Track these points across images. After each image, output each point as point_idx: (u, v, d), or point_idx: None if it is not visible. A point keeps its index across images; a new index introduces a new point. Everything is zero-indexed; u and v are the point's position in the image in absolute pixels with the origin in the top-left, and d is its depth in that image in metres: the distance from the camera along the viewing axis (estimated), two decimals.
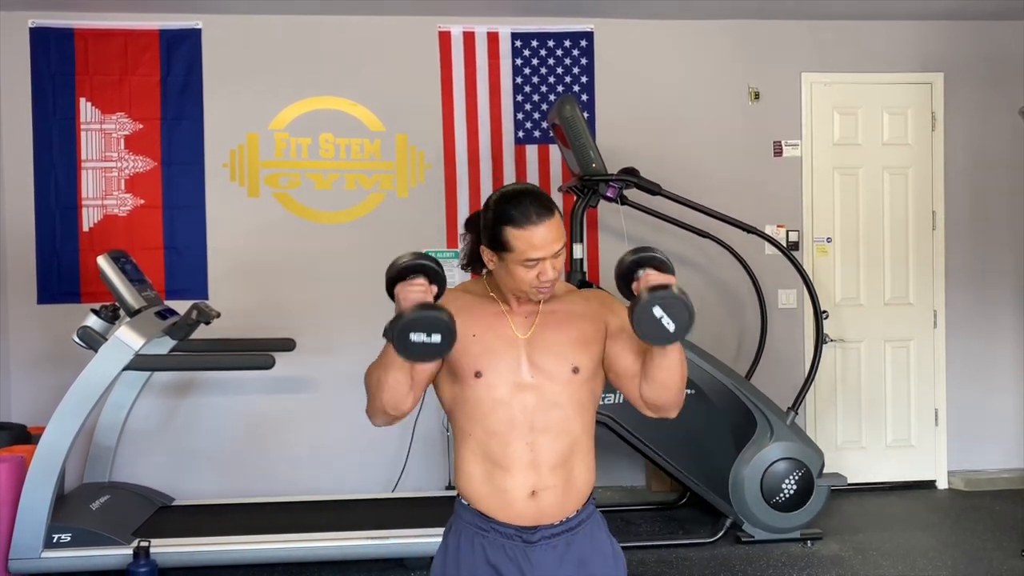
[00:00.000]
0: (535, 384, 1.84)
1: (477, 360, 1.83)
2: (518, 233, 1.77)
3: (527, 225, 1.77)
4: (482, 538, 1.87)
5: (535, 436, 1.83)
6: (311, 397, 4.92)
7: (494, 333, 1.86)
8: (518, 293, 1.86)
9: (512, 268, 1.81)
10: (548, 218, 1.78)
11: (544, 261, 1.79)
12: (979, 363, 5.35)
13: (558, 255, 1.81)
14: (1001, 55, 5.30)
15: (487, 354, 1.84)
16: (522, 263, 1.79)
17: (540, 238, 1.77)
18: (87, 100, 4.80)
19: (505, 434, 1.83)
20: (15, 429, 4.34)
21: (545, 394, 1.84)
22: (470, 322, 1.84)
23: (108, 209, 4.82)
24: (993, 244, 5.34)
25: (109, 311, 3.94)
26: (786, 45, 5.19)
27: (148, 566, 3.64)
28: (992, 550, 4.24)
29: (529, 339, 1.86)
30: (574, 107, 4.22)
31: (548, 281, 1.81)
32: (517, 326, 1.88)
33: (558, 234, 1.79)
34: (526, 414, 1.83)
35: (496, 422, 1.83)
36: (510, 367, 1.84)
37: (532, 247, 1.77)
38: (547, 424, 1.84)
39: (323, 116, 4.94)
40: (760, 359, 4.83)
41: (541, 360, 1.85)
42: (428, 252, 2.11)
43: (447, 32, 4.99)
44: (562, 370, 1.85)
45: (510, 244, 1.78)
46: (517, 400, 1.83)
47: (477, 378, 1.83)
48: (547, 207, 1.80)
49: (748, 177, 5.16)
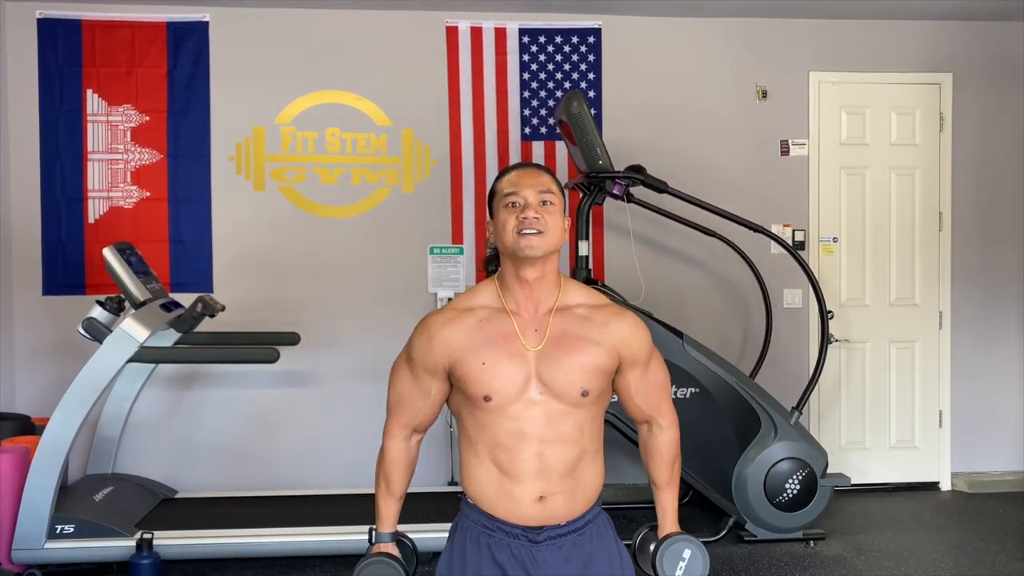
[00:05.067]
0: (543, 400, 1.82)
1: (487, 386, 1.81)
2: (503, 179, 1.89)
3: (511, 170, 1.89)
4: (488, 537, 1.86)
5: (544, 447, 1.81)
6: (315, 391, 4.92)
7: (504, 353, 1.82)
8: (510, 250, 1.81)
9: (499, 215, 1.84)
10: (532, 167, 1.88)
11: (527, 201, 1.81)
12: (984, 365, 5.33)
13: (545, 204, 1.82)
14: (1010, 56, 5.27)
15: (497, 379, 1.81)
16: (504, 204, 1.83)
17: (520, 177, 1.85)
18: (94, 92, 4.80)
19: (513, 446, 1.82)
20: (19, 420, 4.35)
21: (554, 409, 1.82)
22: (479, 347, 1.82)
23: (114, 201, 4.83)
24: (1000, 246, 5.32)
25: (114, 303, 3.94)
26: (794, 44, 5.18)
27: (151, 558, 3.65)
28: (995, 552, 4.23)
29: (539, 354, 1.82)
30: (581, 103, 4.21)
31: (531, 222, 1.78)
32: (527, 339, 1.83)
33: (542, 181, 1.84)
34: (535, 427, 1.81)
35: (504, 435, 1.82)
36: (519, 386, 1.81)
37: (512, 184, 1.84)
38: (556, 436, 1.82)
39: (330, 110, 4.94)
40: (765, 358, 4.82)
41: (550, 379, 1.82)
42: (431, 248, 2.20)
43: (454, 27, 4.99)
44: (571, 393, 1.82)
45: (495, 189, 1.88)
46: (526, 415, 1.81)
47: (487, 402, 1.82)
48: (535, 164, 1.91)
49: (755, 176, 5.15)
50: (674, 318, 4.68)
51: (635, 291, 4.67)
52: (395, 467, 1.97)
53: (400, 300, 4.92)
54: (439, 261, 4.97)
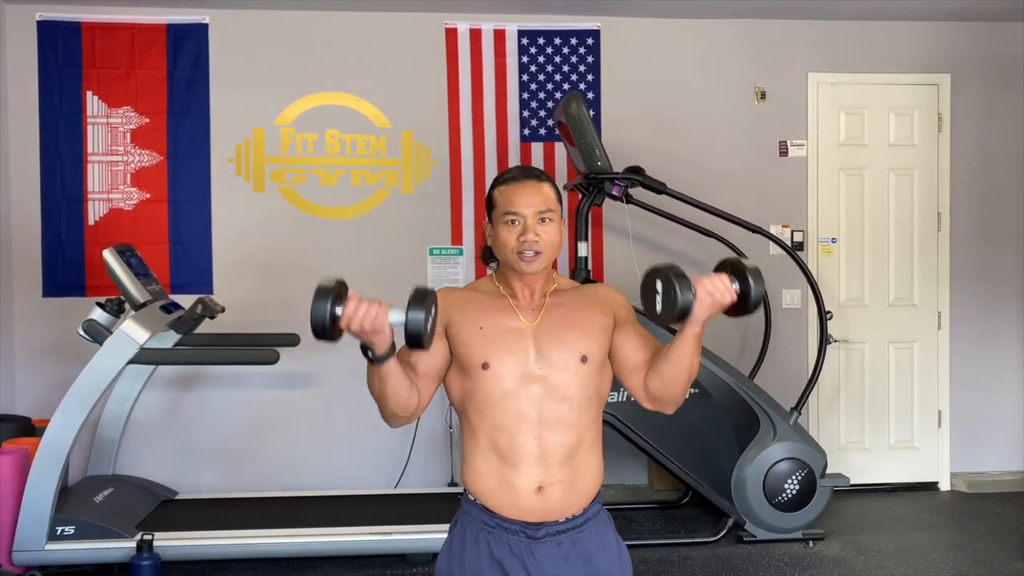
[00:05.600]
0: (543, 375, 1.84)
1: (484, 351, 1.84)
2: (501, 189, 1.88)
3: (509, 181, 1.88)
4: (487, 534, 1.87)
5: (543, 430, 1.83)
6: (315, 392, 4.93)
7: (501, 324, 1.87)
8: (508, 263, 1.87)
9: (498, 230, 1.86)
10: (531, 179, 1.87)
11: (526, 222, 1.83)
12: (983, 365, 5.34)
13: (544, 221, 1.84)
14: (1009, 57, 5.28)
15: (494, 345, 1.85)
16: (503, 220, 1.85)
17: (519, 193, 1.85)
18: (94, 94, 4.81)
19: (513, 427, 1.83)
20: (20, 421, 4.36)
21: (553, 385, 1.84)
22: (476, 315, 1.88)
23: (114, 203, 4.83)
24: (998, 246, 5.33)
25: (114, 305, 3.95)
26: (793, 45, 5.18)
27: (151, 559, 3.64)
28: (995, 552, 4.24)
29: (537, 328, 1.87)
30: (580, 105, 4.22)
31: (530, 244, 1.82)
32: (525, 316, 1.89)
33: (541, 197, 1.85)
34: (534, 406, 1.83)
35: (504, 415, 1.84)
36: (518, 358, 1.85)
37: (510, 201, 1.84)
38: (555, 417, 1.84)
39: (329, 112, 4.95)
40: (764, 359, 4.82)
41: (549, 350, 1.85)
42: (430, 249, 2.19)
43: (454, 29, 4.99)
44: (570, 359, 1.85)
45: (494, 200, 1.89)
46: (525, 391, 1.83)
47: (485, 369, 1.84)
48: (534, 173, 1.90)
49: (753, 177, 5.16)
50: None
51: (634, 292, 4.67)
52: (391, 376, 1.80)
53: (400, 301, 4.90)
54: (438, 262, 4.98)
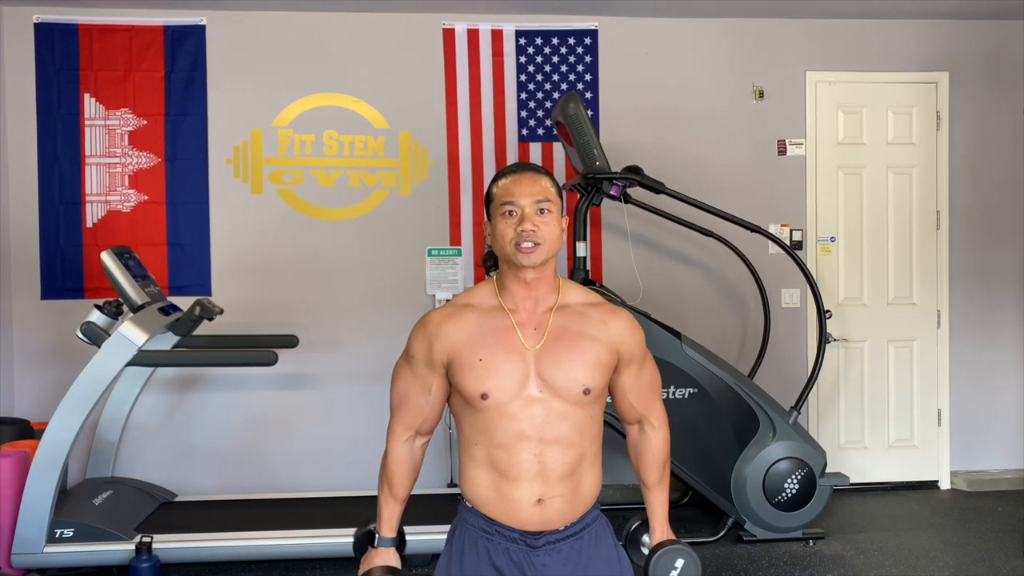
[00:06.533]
0: (544, 398, 1.81)
1: (484, 383, 1.80)
2: (499, 182, 1.87)
3: (508, 174, 1.87)
4: (487, 541, 1.86)
5: (543, 448, 1.81)
6: (314, 394, 4.93)
7: (502, 351, 1.82)
8: (507, 257, 1.83)
9: (496, 223, 1.84)
10: (529, 171, 1.87)
11: (523, 211, 1.81)
12: (982, 363, 5.34)
13: (542, 212, 1.81)
14: (1007, 55, 5.28)
15: (494, 376, 1.80)
16: (501, 212, 1.83)
17: (516, 184, 1.84)
18: (91, 96, 4.80)
19: (513, 446, 1.81)
20: (18, 424, 4.35)
21: (554, 408, 1.81)
22: (475, 345, 1.82)
23: (112, 205, 4.83)
24: (997, 244, 5.33)
25: (112, 307, 3.94)
26: (791, 44, 5.18)
27: (150, 561, 3.64)
28: (994, 551, 4.24)
29: (539, 352, 1.82)
30: (578, 105, 4.22)
31: (528, 234, 1.79)
32: (526, 337, 1.83)
33: (539, 188, 1.83)
34: (534, 427, 1.80)
35: (504, 435, 1.81)
36: (518, 383, 1.80)
37: (508, 192, 1.83)
38: (556, 436, 1.81)
39: (327, 113, 4.94)
40: (763, 358, 4.82)
41: (551, 376, 1.81)
42: (429, 250, 2.19)
43: (451, 29, 4.99)
44: (573, 390, 1.81)
45: (492, 194, 1.87)
46: (525, 414, 1.80)
47: (484, 400, 1.80)
48: (532, 167, 1.88)
49: (752, 176, 5.16)
50: (672, 318, 4.69)
51: (633, 291, 4.68)
52: (398, 469, 1.96)
53: (398, 302, 4.92)
54: (437, 263, 4.97)
